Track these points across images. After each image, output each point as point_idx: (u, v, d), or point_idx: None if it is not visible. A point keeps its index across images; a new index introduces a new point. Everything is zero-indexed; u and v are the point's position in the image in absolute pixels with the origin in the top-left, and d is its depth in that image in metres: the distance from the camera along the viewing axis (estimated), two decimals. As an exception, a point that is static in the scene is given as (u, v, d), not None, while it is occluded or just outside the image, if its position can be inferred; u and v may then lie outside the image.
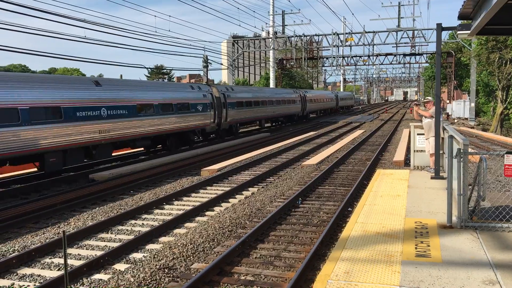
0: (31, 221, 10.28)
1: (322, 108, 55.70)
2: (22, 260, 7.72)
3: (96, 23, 22.61)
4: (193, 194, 12.95)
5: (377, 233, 7.28)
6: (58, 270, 7.44)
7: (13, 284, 6.90)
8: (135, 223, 10.15)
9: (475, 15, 8.60)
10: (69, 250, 8.25)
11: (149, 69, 76.84)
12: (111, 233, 9.40)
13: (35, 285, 6.85)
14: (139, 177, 14.92)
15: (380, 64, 55.89)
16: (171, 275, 6.95)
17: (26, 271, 7.41)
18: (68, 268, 6.12)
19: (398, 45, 46.78)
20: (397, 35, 46.37)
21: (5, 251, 8.28)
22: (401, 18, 47.92)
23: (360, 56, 51.71)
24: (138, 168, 16.70)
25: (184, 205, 11.77)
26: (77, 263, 7.58)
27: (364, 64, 54.21)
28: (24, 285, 6.83)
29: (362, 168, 16.27)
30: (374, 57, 52.06)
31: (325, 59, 56.08)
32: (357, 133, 31.45)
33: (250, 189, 13.47)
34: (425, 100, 13.64)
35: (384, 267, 5.79)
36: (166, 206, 11.64)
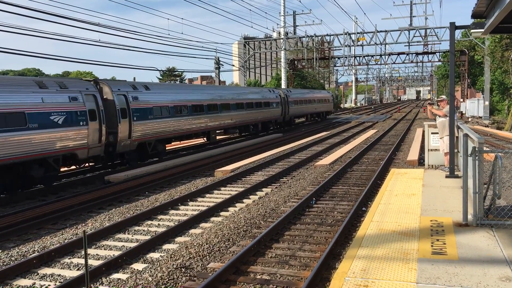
0: (49, 222, 10.46)
1: (313, 112, 46.24)
2: (42, 260, 7.87)
3: (110, 27, 22.89)
4: (207, 195, 13.05)
5: (392, 231, 7.30)
6: (78, 270, 7.58)
7: (34, 283, 7.05)
8: (151, 223, 10.28)
9: (489, 13, 8.58)
10: (88, 250, 8.36)
11: (161, 71, 77.34)
12: (128, 234, 9.54)
13: (55, 284, 6.99)
14: (153, 179, 15.07)
15: (392, 63, 55.45)
16: (188, 275, 7.05)
17: (47, 271, 7.57)
18: (88, 268, 6.23)
19: (410, 44, 46.49)
20: (409, 34, 46.10)
21: (25, 251, 8.45)
22: (413, 16, 47.71)
23: (372, 56, 51.49)
24: (153, 169, 16.86)
25: (198, 205, 11.88)
26: (96, 263, 7.72)
27: (376, 64, 53.90)
28: (45, 285, 6.98)
29: (376, 167, 16.24)
30: (386, 56, 51.77)
31: (336, 59, 55.91)
32: (370, 132, 31.35)
33: (263, 189, 13.53)
34: (439, 99, 13.59)
35: (401, 264, 5.82)
36: (181, 207, 11.76)
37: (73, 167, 16.40)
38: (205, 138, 25.32)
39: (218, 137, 28.63)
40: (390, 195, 10.01)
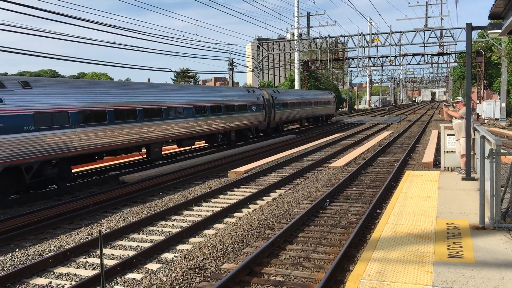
0: (65, 222, 10.58)
1: (309, 116, 40.10)
2: (58, 259, 7.96)
3: (125, 29, 23.09)
4: (221, 196, 13.08)
5: (408, 234, 7.23)
6: (93, 269, 7.65)
7: (50, 282, 7.13)
8: (165, 224, 10.33)
9: (507, 14, 8.47)
10: (103, 250, 8.45)
11: (175, 73, 77.75)
12: (143, 234, 9.59)
13: (71, 283, 7.05)
14: (167, 179, 15.14)
15: (407, 65, 55.06)
16: (202, 275, 7.06)
17: (62, 270, 7.64)
18: (104, 267, 6.28)
19: (425, 45, 46.03)
20: (424, 35, 45.67)
21: (42, 250, 8.55)
22: (428, 17, 47.37)
23: (387, 57, 51.12)
24: (166, 170, 16.95)
25: (212, 206, 11.91)
26: (111, 262, 7.77)
27: (391, 65, 53.54)
28: (60, 284, 7.05)
29: (390, 169, 16.12)
30: (401, 58, 51.36)
31: (350, 60, 55.66)
32: (384, 134, 31.13)
33: (277, 190, 13.52)
34: (455, 101, 13.44)
35: (417, 267, 5.76)
36: (195, 208, 11.80)
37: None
38: (144, 154, 19.20)
39: (171, 150, 23.71)
40: (405, 197, 9.92)
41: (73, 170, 15.74)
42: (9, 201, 12.81)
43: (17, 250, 8.73)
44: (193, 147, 23.70)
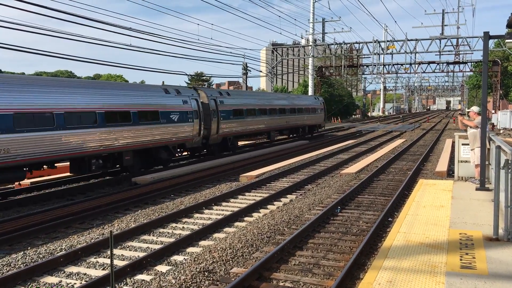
0: (77, 222, 10.65)
1: (283, 127, 31.11)
2: (69, 258, 8.01)
3: (141, 31, 23.29)
4: (231, 200, 13.08)
5: (420, 243, 7.15)
6: (103, 269, 7.68)
7: (60, 281, 7.18)
8: (176, 226, 10.35)
9: (525, 22, 8.36)
10: (114, 251, 8.48)
11: (189, 76, 78.19)
12: (153, 235, 9.62)
13: (81, 283, 7.09)
14: (179, 182, 15.20)
15: (422, 73, 54.65)
16: (211, 279, 7.05)
17: (73, 269, 7.69)
18: (113, 268, 6.30)
19: (441, 53, 45.70)
20: (440, 43, 45.35)
21: (53, 249, 8.61)
22: (445, 25, 46.94)
23: (402, 64, 50.85)
24: (178, 172, 17.00)
25: (223, 210, 11.91)
26: (121, 263, 7.81)
27: (406, 72, 53.25)
28: (71, 283, 7.09)
29: (403, 178, 15.98)
30: (416, 65, 51.06)
31: (365, 66, 55.50)
32: (398, 142, 30.90)
33: (288, 196, 13.47)
34: (470, 110, 13.30)
35: (428, 277, 5.69)
36: (206, 211, 11.81)
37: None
38: None
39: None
40: (418, 206, 9.82)
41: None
42: (22, 199, 12.96)
43: (29, 248, 8.81)
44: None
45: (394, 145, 28.26)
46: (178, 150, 19.98)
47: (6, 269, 7.62)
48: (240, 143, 29.01)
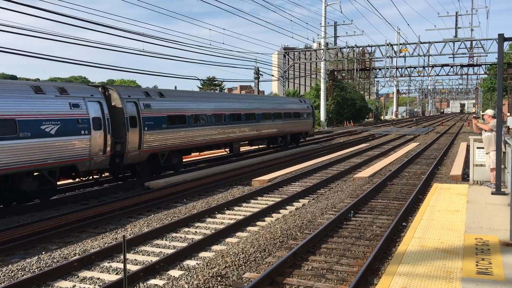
0: (90, 226, 10.73)
1: (254, 136, 25.31)
2: (82, 263, 8.06)
3: (154, 37, 23.48)
4: (244, 204, 13.06)
5: (435, 248, 7.05)
6: (116, 274, 7.71)
7: (74, 286, 7.22)
8: (188, 230, 10.36)
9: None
10: (127, 255, 8.52)
11: (201, 80, 78.52)
12: (166, 240, 9.64)
13: (94, 287, 7.12)
14: (191, 186, 15.22)
15: (435, 75, 54.21)
16: (224, 284, 7.03)
17: (87, 274, 7.73)
18: (127, 272, 6.32)
19: (455, 55, 45.28)
20: (454, 46, 44.93)
21: (67, 254, 8.68)
22: (458, 28, 46.44)
23: (415, 67, 50.50)
24: (191, 177, 17.04)
25: (235, 214, 11.90)
26: (134, 268, 7.83)
27: (419, 75, 52.79)
28: (84, 287, 7.13)
29: (417, 182, 15.82)
30: (430, 68, 50.66)
31: (377, 70, 55.19)
32: (411, 146, 30.64)
33: (301, 200, 13.42)
34: (484, 113, 13.14)
35: (444, 283, 5.60)
36: (218, 215, 11.81)
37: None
38: None
39: None
40: (432, 210, 9.71)
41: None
42: (38, 204, 13.08)
43: (43, 252, 8.88)
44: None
45: (407, 149, 28.02)
46: (72, 174, 14.61)
47: (21, 273, 7.69)
48: (193, 157, 23.25)
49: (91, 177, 15.61)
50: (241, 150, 24.98)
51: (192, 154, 21.95)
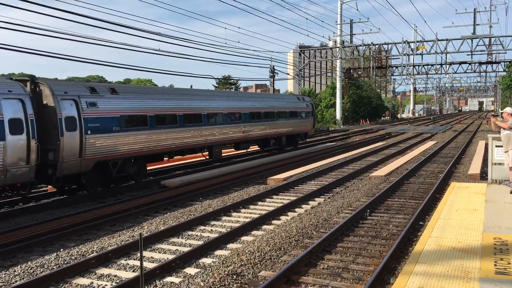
0: (108, 224, 10.85)
1: (234, 139, 21.72)
2: (100, 260, 8.16)
3: (170, 36, 23.61)
4: (259, 203, 13.07)
5: (452, 248, 6.97)
6: (133, 271, 7.79)
7: (92, 283, 7.31)
8: (204, 229, 10.42)
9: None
10: (143, 253, 8.60)
11: (217, 79, 78.74)
12: (182, 238, 9.71)
13: (111, 285, 7.21)
14: (207, 185, 15.29)
15: (453, 73, 53.57)
16: (239, 282, 7.05)
17: (104, 271, 7.83)
18: (143, 270, 6.38)
19: (473, 53, 44.67)
20: (472, 43, 44.32)
21: (85, 251, 8.79)
22: (476, 25, 45.71)
23: (432, 65, 49.92)
24: (206, 175, 17.12)
25: (251, 213, 11.92)
26: (151, 265, 7.90)
27: (436, 73, 52.23)
28: (101, 285, 7.22)
29: (434, 180, 15.64)
30: (447, 66, 50.04)
31: (394, 68, 54.70)
32: (429, 144, 30.30)
33: (316, 199, 13.38)
34: (503, 111, 12.92)
35: (461, 283, 5.54)
36: (234, 213, 11.84)
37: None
38: None
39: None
40: (450, 209, 9.60)
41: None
42: (56, 202, 13.28)
43: (61, 250, 9.01)
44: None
45: (424, 147, 27.72)
46: None
47: (39, 270, 7.82)
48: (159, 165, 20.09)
49: (12, 194, 12.37)
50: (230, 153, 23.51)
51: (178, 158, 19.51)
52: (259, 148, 26.80)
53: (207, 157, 20.79)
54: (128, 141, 15.00)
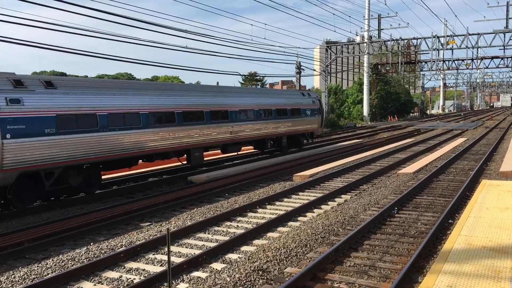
0: (136, 219, 11.04)
1: (221, 141, 18.72)
2: (129, 254, 8.32)
3: (196, 33, 23.77)
4: (285, 199, 13.07)
5: (483, 247, 6.83)
6: (161, 265, 7.91)
7: (120, 276, 7.47)
8: (230, 224, 10.48)
9: None
10: (171, 248, 8.71)
11: (243, 76, 78.87)
12: (208, 233, 9.80)
13: (140, 278, 7.34)
14: (233, 181, 15.37)
15: (485, 68, 52.15)
16: (265, 278, 7.08)
17: (132, 265, 7.98)
18: (171, 264, 6.47)
19: (506, 47, 43.35)
20: (504, 37, 43.03)
21: (114, 245, 8.97)
22: (509, 18, 44.37)
23: (463, 60, 48.76)
24: (232, 172, 17.20)
25: (276, 209, 11.93)
26: (178, 260, 8.01)
27: (467, 68, 50.95)
28: (130, 278, 7.36)
29: (465, 178, 15.32)
30: (479, 61, 48.76)
31: (423, 63, 53.68)
32: (459, 141, 29.66)
33: (342, 196, 13.29)
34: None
35: (492, 283, 5.42)
36: (259, 210, 11.87)
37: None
38: None
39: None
40: (480, 208, 9.39)
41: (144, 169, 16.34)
42: (86, 197, 13.58)
43: (91, 244, 9.23)
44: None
45: (454, 144, 27.15)
46: None
47: (70, 263, 8.02)
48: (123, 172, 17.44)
49: None
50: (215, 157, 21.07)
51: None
52: (257, 150, 24.23)
53: (184, 162, 18.03)
54: (68, 146, 12.27)
